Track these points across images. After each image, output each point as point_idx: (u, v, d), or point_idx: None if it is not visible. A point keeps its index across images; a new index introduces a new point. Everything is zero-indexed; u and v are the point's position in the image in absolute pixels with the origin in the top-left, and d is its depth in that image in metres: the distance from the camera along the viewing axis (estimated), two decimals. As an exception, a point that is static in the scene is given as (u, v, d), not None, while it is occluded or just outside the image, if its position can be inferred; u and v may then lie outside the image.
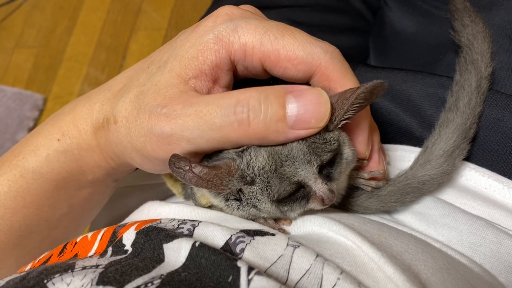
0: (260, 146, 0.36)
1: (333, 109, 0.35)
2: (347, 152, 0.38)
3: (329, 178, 0.38)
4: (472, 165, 0.45)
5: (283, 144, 0.35)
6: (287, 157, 0.35)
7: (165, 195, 0.58)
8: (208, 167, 0.35)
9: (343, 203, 0.44)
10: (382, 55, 0.71)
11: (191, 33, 0.39)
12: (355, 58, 0.73)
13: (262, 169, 0.35)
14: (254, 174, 0.36)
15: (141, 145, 0.37)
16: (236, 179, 0.36)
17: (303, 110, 0.33)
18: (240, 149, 0.36)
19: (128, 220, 0.48)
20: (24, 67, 1.82)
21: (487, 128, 0.46)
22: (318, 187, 0.36)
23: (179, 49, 0.38)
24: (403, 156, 0.48)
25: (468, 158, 0.45)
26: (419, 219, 0.44)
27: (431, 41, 0.60)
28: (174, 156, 0.34)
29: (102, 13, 1.88)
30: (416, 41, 0.63)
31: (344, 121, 0.36)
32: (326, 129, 0.36)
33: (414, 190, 0.43)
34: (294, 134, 0.34)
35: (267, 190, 0.36)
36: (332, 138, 0.36)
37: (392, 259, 0.34)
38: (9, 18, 1.95)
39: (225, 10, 0.39)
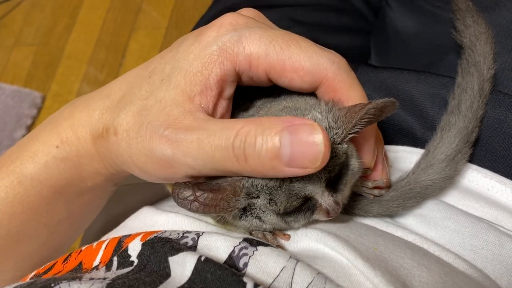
0: None
1: (341, 123, 0.35)
2: (353, 163, 0.38)
3: (335, 189, 0.37)
4: (474, 166, 0.45)
5: None
6: None
7: (163, 195, 0.57)
8: (212, 191, 0.34)
9: (344, 207, 0.44)
10: (383, 55, 0.71)
11: (194, 44, 0.38)
12: (357, 58, 0.72)
13: (266, 185, 0.35)
14: (259, 191, 0.35)
15: (142, 164, 0.37)
16: (242, 198, 0.35)
17: (297, 150, 0.32)
18: None
19: (124, 226, 0.48)
20: (23, 65, 1.81)
21: (489, 129, 0.46)
22: (324, 199, 0.36)
23: (182, 61, 0.37)
24: (405, 158, 0.47)
25: (470, 159, 0.45)
26: (420, 221, 0.44)
27: (433, 40, 0.60)
28: (177, 184, 0.34)
29: (102, 11, 1.87)
30: (418, 41, 0.63)
31: (352, 135, 0.36)
32: (333, 141, 0.36)
33: (416, 195, 0.43)
34: (290, 172, 0.33)
35: (272, 205, 0.36)
36: (341, 152, 0.36)
37: (387, 276, 0.34)
38: (9, 16, 1.94)
39: (229, 19, 0.38)
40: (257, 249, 0.34)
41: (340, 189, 0.38)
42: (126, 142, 0.38)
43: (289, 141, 0.32)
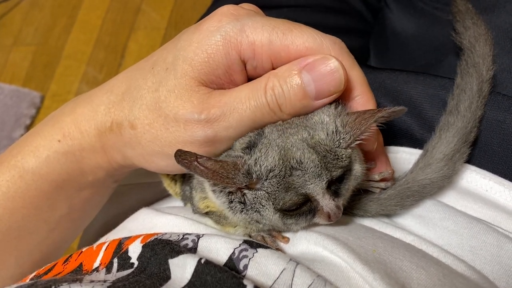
0: (270, 144, 0.36)
1: (349, 128, 0.36)
2: (356, 168, 0.38)
3: (337, 194, 0.37)
4: (473, 167, 0.45)
5: (297, 148, 0.35)
6: (297, 164, 0.35)
7: (162, 195, 0.57)
8: (214, 160, 0.35)
9: (343, 207, 0.44)
10: (382, 56, 0.71)
11: (195, 33, 0.38)
12: (356, 59, 0.72)
13: (271, 171, 0.35)
14: (261, 173, 0.35)
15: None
16: (242, 174, 0.35)
17: (320, 82, 0.35)
18: (248, 140, 0.37)
19: (123, 227, 0.48)
20: (22, 64, 1.81)
21: (488, 130, 0.46)
22: (326, 202, 0.36)
23: (185, 50, 0.37)
24: (404, 158, 0.47)
25: (469, 160, 0.45)
26: (419, 222, 0.44)
27: (433, 42, 0.60)
28: (179, 150, 0.34)
29: (102, 11, 1.87)
30: (417, 43, 0.63)
31: (358, 142, 0.36)
32: (338, 145, 0.36)
33: (414, 193, 0.43)
34: (320, 103, 0.37)
35: (272, 196, 0.36)
36: (344, 155, 0.36)
37: (386, 279, 0.34)
38: (8, 16, 1.94)
39: (230, 10, 0.38)
40: (257, 251, 0.34)
41: (342, 194, 0.38)
42: (151, 134, 0.39)
43: (310, 78, 0.35)
